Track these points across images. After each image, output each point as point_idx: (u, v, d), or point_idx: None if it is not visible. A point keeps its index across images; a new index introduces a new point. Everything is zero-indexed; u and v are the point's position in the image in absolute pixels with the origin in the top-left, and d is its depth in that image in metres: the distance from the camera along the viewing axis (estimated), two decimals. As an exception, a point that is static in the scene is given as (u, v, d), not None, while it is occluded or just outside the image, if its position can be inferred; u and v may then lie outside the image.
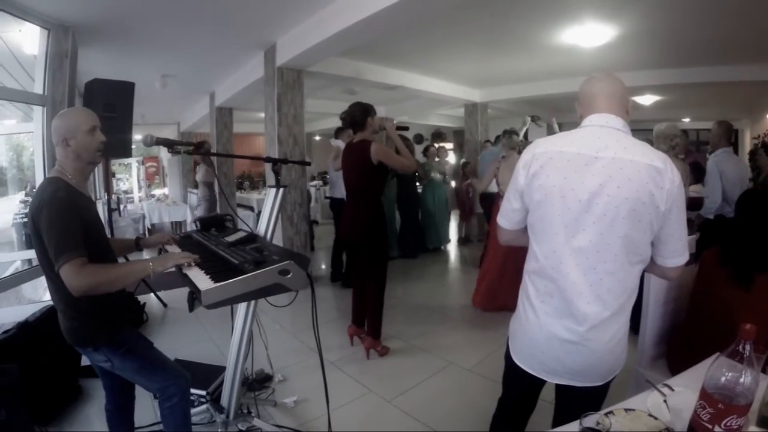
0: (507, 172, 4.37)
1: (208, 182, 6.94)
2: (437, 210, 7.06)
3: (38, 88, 3.67)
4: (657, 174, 1.19)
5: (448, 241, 7.82)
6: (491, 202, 5.54)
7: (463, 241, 7.75)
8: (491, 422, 1.69)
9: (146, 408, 2.40)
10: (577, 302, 1.27)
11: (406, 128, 3.82)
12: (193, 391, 2.39)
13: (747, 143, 10.15)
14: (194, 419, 2.33)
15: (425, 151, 7.30)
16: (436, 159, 7.27)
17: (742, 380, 0.93)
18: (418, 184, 7.00)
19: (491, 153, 5.94)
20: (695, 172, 4.85)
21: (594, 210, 1.22)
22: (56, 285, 1.57)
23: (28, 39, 3.98)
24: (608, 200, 1.21)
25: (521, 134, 5.08)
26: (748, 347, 0.93)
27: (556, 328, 1.32)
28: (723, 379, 0.95)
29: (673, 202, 1.21)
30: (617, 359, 1.35)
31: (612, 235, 1.22)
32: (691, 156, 5.87)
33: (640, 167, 1.19)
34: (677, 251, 1.30)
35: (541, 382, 1.44)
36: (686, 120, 10.65)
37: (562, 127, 11.79)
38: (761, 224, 1.74)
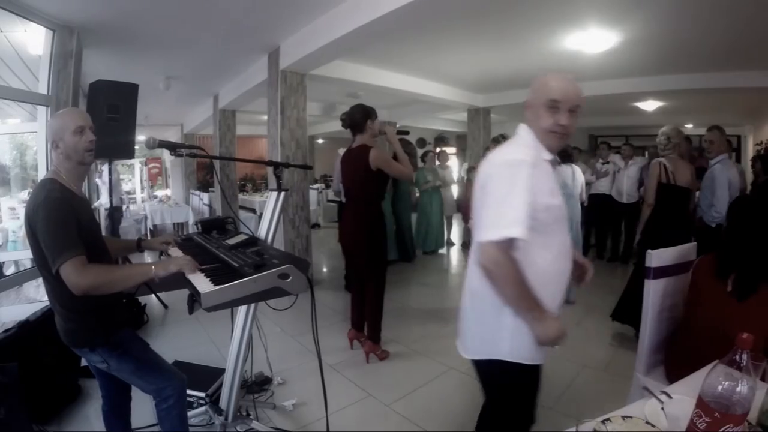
0: None
1: None
2: (432, 214, 7.08)
3: (42, 89, 3.70)
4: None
5: (452, 244, 7.83)
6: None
7: (466, 246, 7.74)
8: None
9: (146, 409, 2.40)
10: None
11: (406, 133, 3.82)
12: (192, 392, 2.40)
13: (750, 150, 10.11)
14: (193, 421, 2.34)
15: (423, 157, 7.28)
16: (437, 163, 7.30)
17: (738, 389, 0.93)
18: (417, 189, 7.02)
19: None
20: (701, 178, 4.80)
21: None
22: (52, 286, 1.58)
23: (33, 39, 3.99)
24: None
25: None
26: (745, 356, 0.94)
27: None
28: (720, 387, 0.95)
29: (485, 178, 1.41)
30: (483, 343, 1.47)
31: None
32: (697, 161, 5.84)
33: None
34: (481, 224, 1.37)
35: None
36: (689, 126, 10.60)
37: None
38: (756, 233, 1.72)
